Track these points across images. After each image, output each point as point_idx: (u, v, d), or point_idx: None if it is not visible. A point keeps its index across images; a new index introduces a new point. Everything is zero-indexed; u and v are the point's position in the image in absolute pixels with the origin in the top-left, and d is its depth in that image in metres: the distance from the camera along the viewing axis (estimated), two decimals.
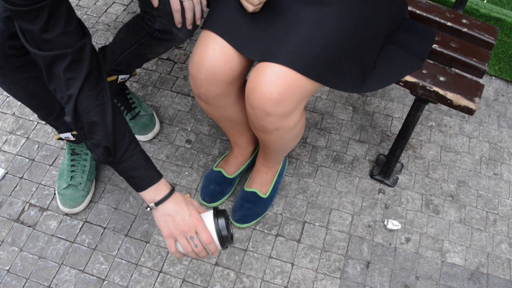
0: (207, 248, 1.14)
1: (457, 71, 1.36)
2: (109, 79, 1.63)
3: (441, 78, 1.30)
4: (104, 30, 2.09)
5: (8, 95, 1.84)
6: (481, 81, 1.95)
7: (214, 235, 1.13)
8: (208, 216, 1.15)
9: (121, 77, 1.65)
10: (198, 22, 1.33)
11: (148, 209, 1.14)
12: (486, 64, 1.34)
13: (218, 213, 1.15)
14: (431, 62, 1.34)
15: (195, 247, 1.12)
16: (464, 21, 1.45)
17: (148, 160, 1.13)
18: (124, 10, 2.18)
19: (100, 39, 2.05)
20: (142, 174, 1.11)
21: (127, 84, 1.89)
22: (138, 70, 1.95)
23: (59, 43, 0.97)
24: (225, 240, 1.14)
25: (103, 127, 1.06)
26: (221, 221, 1.14)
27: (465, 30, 1.43)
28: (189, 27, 1.31)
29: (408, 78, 1.29)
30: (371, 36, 1.18)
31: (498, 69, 2.02)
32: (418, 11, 1.45)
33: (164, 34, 1.33)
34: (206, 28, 1.19)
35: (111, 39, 2.03)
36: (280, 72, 1.08)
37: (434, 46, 1.36)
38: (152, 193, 1.12)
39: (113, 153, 1.09)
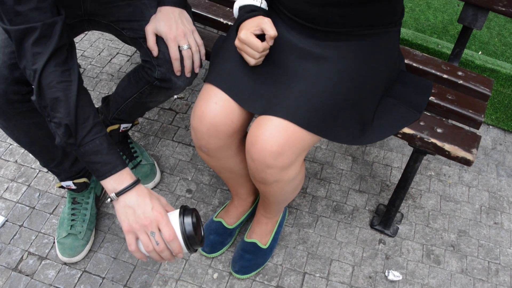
0: (170, 247, 1.04)
1: (454, 122, 1.38)
2: (111, 128, 1.65)
3: (439, 130, 1.32)
4: (108, 80, 2.13)
5: (12, 143, 1.86)
6: (478, 132, 1.98)
7: (178, 233, 1.04)
8: (175, 214, 1.07)
9: (123, 126, 1.67)
10: (197, 71, 1.36)
11: (109, 200, 1.08)
12: (483, 116, 1.37)
13: (185, 211, 1.06)
14: (428, 114, 1.37)
15: (156, 245, 1.03)
16: (459, 73, 1.48)
17: (112, 146, 1.08)
18: (128, 60, 2.23)
19: (103, 88, 2.09)
20: (104, 160, 1.05)
21: (129, 133, 1.91)
22: (140, 120, 1.98)
23: (31, 17, 0.99)
24: (191, 240, 1.05)
25: (66, 103, 1.03)
26: (188, 219, 1.05)
27: (461, 82, 1.46)
28: (188, 75, 1.34)
29: (406, 130, 1.31)
30: (369, 90, 1.21)
31: (495, 119, 2.05)
32: (414, 64, 1.49)
33: (163, 83, 1.36)
34: (208, 82, 1.22)
35: (114, 89, 2.07)
36: (280, 126, 1.10)
37: (431, 98, 1.39)
38: (114, 182, 1.06)
39: (74, 133, 1.05)
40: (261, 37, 1.14)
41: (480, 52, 2.19)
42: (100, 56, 2.24)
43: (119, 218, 1.07)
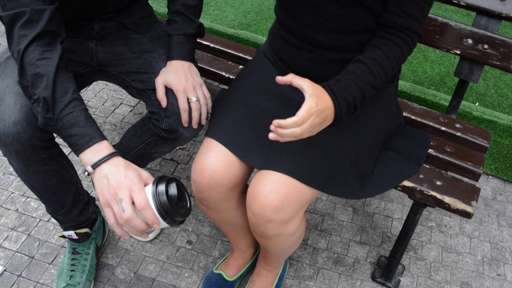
0: (143, 216, 0.99)
1: (454, 175, 1.39)
2: None
3: (438, 183, 1.33)
4: (111, 130, 2.16)
5: (13, 191, 1.87)
6: (477, 184, 1.98)
7: (151, 202, 0.98)
8: (150, 184, 1.02)
9: None
10: (203, 122, 1.38)
11: (86, 174, 1.04)
12: (481, 168, 1.38)
13: (160, 179, 1.01)
14: (428, 166, 1.38)
15: (122, 212, 0.97)
16: (457, 125, 1.51)
17: (90, 119, 1.06)
18: (131, 111, 2.27)
19: None
20: (81, 132, 1.03)
21: None
22: None
23: (22, 3, 1.06)
24: (166, 209, 0.98)
25: (45, 78, 1.05)
26: (161, 187, 0.99)
27: (459, 134, 1.48)
28: (195, 126, 1.37)
29: (406, 183, 1.32)
30: (368, 144, 1.23)
31: (494, 169, 2.06)
32: (413, 117, 1.51)
33: (170, 134, 1.38)
34: (208, 136, 1.25)
35: (117, 138, 2.10)
36: (281, 180, 1.11)
37: (430, 151, 1.41)
38: (91, 155, 1.03)
39: (51, 107, 1.04)
40: None
41: (477, 104, 2.22)
42: (103, 106, 2.28)
43: (97, 193, 1.03)
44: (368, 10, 1.11)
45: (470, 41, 1.48)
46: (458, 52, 1.50)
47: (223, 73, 1.63)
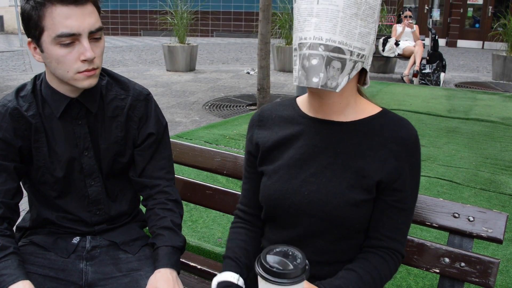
0: None
1: None
2: None
3: None
4: None
5: None
6: None
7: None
8: None
9: None
10: None
11: None
12: None
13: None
14: None
15: None
16: None
17: (21, 267, 1.33)
18: None
19: None
20: (10, 273, 1.30)
21: None
22: None
23: None
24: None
25: None
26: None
27: None
28: None
29: None
30: None
31: None
32: None
33: None
34: None
35: None
36: None
37: None
38: None
39: None
40: None
41: None
42: None
43: None
44: (354, 242, 1.20)
45: (447, 259, 1.53)
46: (437, 271, 1.54)
47: None
